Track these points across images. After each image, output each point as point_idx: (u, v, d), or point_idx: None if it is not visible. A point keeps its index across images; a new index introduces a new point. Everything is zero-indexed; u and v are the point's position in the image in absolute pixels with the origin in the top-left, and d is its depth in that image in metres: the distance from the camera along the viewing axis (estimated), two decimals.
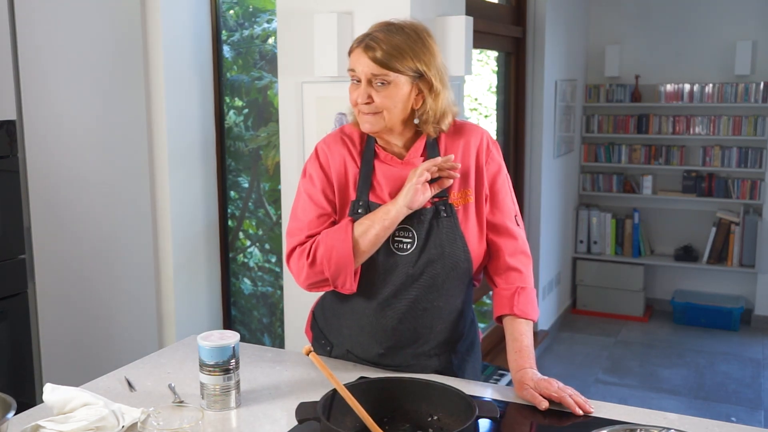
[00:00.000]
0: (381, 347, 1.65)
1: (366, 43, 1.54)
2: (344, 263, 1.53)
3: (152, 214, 3.06)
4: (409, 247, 1.58)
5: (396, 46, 1.53)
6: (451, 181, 1.57)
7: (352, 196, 1.62)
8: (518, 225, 1.68)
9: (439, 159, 1.53)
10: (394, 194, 1.59)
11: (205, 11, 3.18)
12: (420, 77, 1.56)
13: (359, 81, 1.57)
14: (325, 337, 1.76)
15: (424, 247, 1.58)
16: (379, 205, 1.58)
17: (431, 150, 1.62)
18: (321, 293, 1.79)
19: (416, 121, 1.60)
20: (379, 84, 1.54)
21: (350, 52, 1.60)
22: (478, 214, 1.64)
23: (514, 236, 1.66)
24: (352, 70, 1.58)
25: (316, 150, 1.68)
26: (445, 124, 1.62)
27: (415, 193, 1.51)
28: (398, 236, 1.59)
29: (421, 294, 1.61)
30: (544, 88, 4.38)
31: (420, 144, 1.63)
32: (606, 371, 4.34)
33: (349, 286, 1.57)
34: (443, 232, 1.59)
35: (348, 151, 1.64)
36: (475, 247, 1.62)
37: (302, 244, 1.60)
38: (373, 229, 1.53)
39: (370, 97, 1.55)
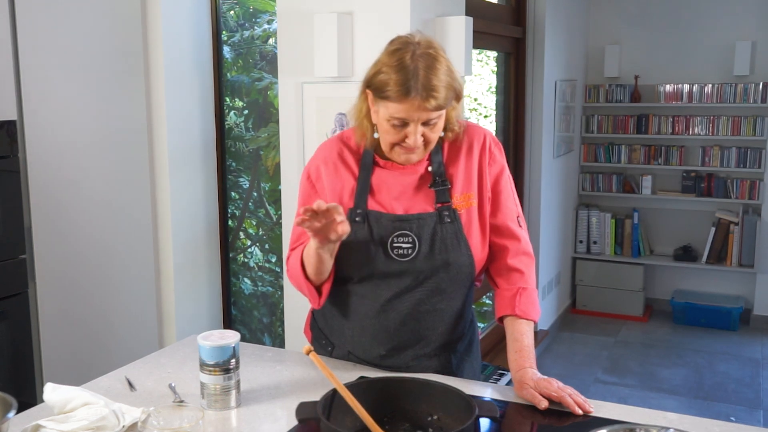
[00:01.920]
0: (383, 349, 1.64)
1: (426, 93, 1.44)
2: (301, 285, 1.62)
3: (152, 215, 3.06)
4: (410, 252, 1.57)
5: (447, 85, 1.47)
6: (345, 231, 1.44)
7: (350, 204, 1.61)
8: (520, 226, 1.68)
9: (310, 207, 1.38)
10: (393, 200, 1.60)
11: (206, 12, 3.18)
12: (456, 98, 1.54)
13: (404, 124, 1.50)
14: (326, 337, 1.76)
15: (429, 254, 1.58)
16: (378, 212, 1.58)
17: (434, 153, 1.62)
18: None
19: (442, 133, 1.59)
20: (431, 122, 1.50)
21: (391, 98, 1.46)
22: (480, 217, 1.63)
23: (516, 237, 1.66)
24: (401, 118, 1.47)
25: (308, 167, 1.69)
26: (455, 132, 1.63)
27: (313, 236, 1.43)
28: (396, 242, 1.58)
29: (425, 297, 1.60)
30: (543, 88, 4.38)
31: None
32: (605, 371, 4.34)
33: (314, 303, 1.64)
34: (447, 238, 1.58)
35: (345, 162, 1.64)
36: (479, 251, 1.62)
37: (289, 255, 1.68)
38: (308, 260, 1.55)
39: (423, 134, 1.51)
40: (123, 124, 2.88)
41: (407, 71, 1.44)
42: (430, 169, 1.62)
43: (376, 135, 1.58)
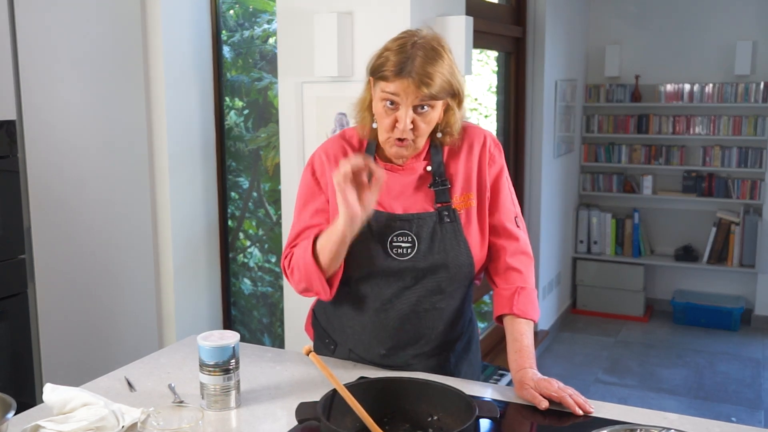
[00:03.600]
0: (383, 347, 1.65)
1: (420, 78, 1.46)
2: (311, 276, 1.56)
3: (152, 215, 3.06)
4: (409, 251, 1.58)
5: (444, 78, 1.48)
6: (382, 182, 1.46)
7: None
8: (518, 226, 1.68)
9: (349, 163, 1.41)
10: (394, 200, 1.60)
11: (205, 12, 3.18)
12: (452, 95, 1.54)
13: (394, 104, 1.50)
14: (329, 335, 1.76)
15: (428, 253, 1.58)
16: (378, 211, 1.58)
17: (434, 153, 1.62)
18: None
19: (439, 135, 1.60)
20: (421, 109, 1.51)
21: (386, 77, 1.49)
22: (480, 218, 1.63)
23: (514, 237, 1.66)
24: (393, 94, 1.49)
25: (312, 162, 1.69)
26: (452, 138, 1.62)
27: (346, 207, 1.42)
28: (396, 242, 1.58)
29: (424, 296, 1.60)
30: (544, 88, 4.38)
31: (422, 149, 1.63)
32: (606, 371, 4.34)
33: (324, 295, 1.59)
34: (447, 238, 1.58)
35: (346, 157, 1.64)
36: (478, 251, 1.62)
37: (290, 252, 1.64)
38: (327, 246, 1.51)
39: (413, 121, 1.51)
40: (123, 124, 2.88)
41: (405, 54, 1.48)
42: (429, 168, 1.62)
43: (375, 125, 1.59)
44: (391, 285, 1.59)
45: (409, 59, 1.47)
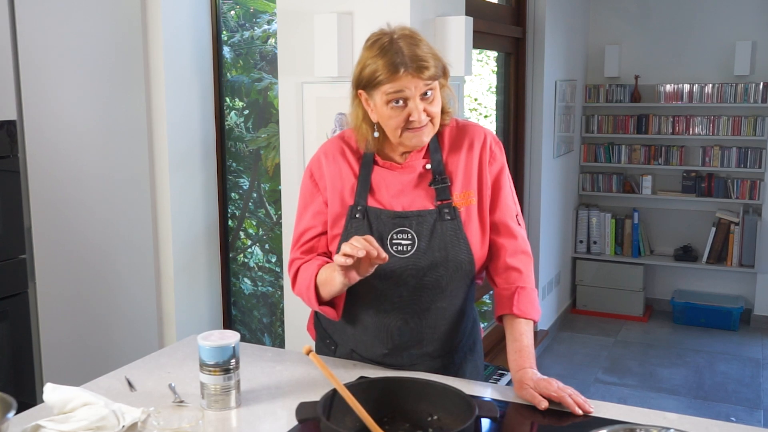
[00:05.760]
0: (385, 347, 1.65)
1: (415, 65, 1.48)
2: (312, 304, 1.61)
3: (153, 215, 3.06)
4: (409, 249, 1.58)
5: (433, 55, 1.52)
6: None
7: (350, 201, 1.62)
8: (519, 224, 1.68)
9: (361, 247, 1.38)
10: (392, 198, 1.60)
11: (206, 12, 3.18)
12: (442, 71, 1.57)
13: (402, 101, 1.51)
14: (330, 336, 1.76)
15: (428, 250, 1.58)
16: (378, 209, 1.59)
17: (434, 151, 1.63)
18: None
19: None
20: (426, 95, 1.52)
21: (384, 80, 1.50)
22: (480, 216, 1.64)
23: (514, 235, 1.66)
24: (398, 92, 1.50)
25: (310, 164, 1.70)
26: (450, 114, 1.65)
27: (344, 278, 1.45)
28: (396, 239, 1.59)
29: (425, 296, 1.61)
30: (543, 89, 4.38)
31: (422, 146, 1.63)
32: (605, 371, 4.34)
33: (331, 317, 1.63)
34: (447, 235, 1.59)
35: (346, 159, 1.65)
36: (478, 249, 1.63)
37: (294, 261, 1.67)
38: (326, 287, 1.55)
39: (425, 110, 1.53)
40: (123, 124, 2.88)
41: (391, 52, 1.49)
42: (428, 167, 1.62)
43: (376, 134, 1.59)
44: (391, 283, 1.60)
45: (397, 54, 1.48)
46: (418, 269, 1.58)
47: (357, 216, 1.59)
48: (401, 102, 1.51)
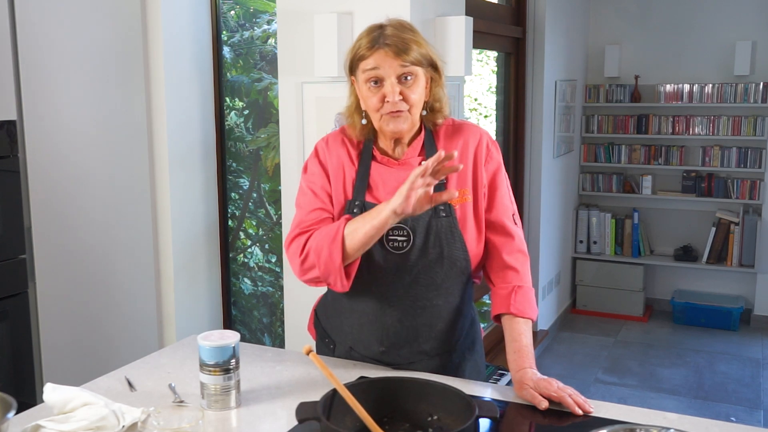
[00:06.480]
0: (382, 345, 1.65)
1: (395, 46, 1.52)
2: (332, 262, 1.51)
3: (153, 215, 3.06)
4: (404, 245, 1.59)
5: (418, 44, 1.55)
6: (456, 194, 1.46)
7: (349, 195, 1.63)
8: (516, 224, 1.69)
9: (431, 159, 1.40)
10: (390, 195, 1.60)
11: (206, 12, 3.18)
12: (431, 66, 1.58)
13: (379, 81, 1.54)
14: (329, 335, 1.76)
15: (423, 247, 1.59)
16: (374, 204, 1.59)
17: (429, 149, 1.63)
18: (323, 291, 1.80)
19: (424, 112, 1.62)
20: (405, 79, 1.54)
21: (363, 56, 1.55)
22: (476, 214, 1.64)
23: (510, 235, 1.66)
24: (374, 69, 1.53)
25: (316, 148, 1.72)
26: (443, 114, 1.65)
27: (404, 200, 1.41)
28: (392, 235, 1.59)
29: (421, 293, 1.61)
30: (543, 89, 4.38)
31: (417, 144, 1.64)
32: (605, 371, 4.34)
33: (341, 285, 1.55)
34: (442, 232, 1.59)
35: (347, 151, 1.67)
36: (474, 247, 1.63)
37: (301, 234, 1.59)
38: (362, 228, 1.48)
39: (402, 93, 1.54)
40: (123, 124, 2.88)
41: (375, 33, 1.56)
42: (424, 163, 1.62)
43: (364, 121, 1.62)
44: (387, 281, 1.60)
45: (380, 34, 1.54)
46: (414, 266, 1.59)
47: (355, 211, 1.60)
48: (379, 83, 1.54)
